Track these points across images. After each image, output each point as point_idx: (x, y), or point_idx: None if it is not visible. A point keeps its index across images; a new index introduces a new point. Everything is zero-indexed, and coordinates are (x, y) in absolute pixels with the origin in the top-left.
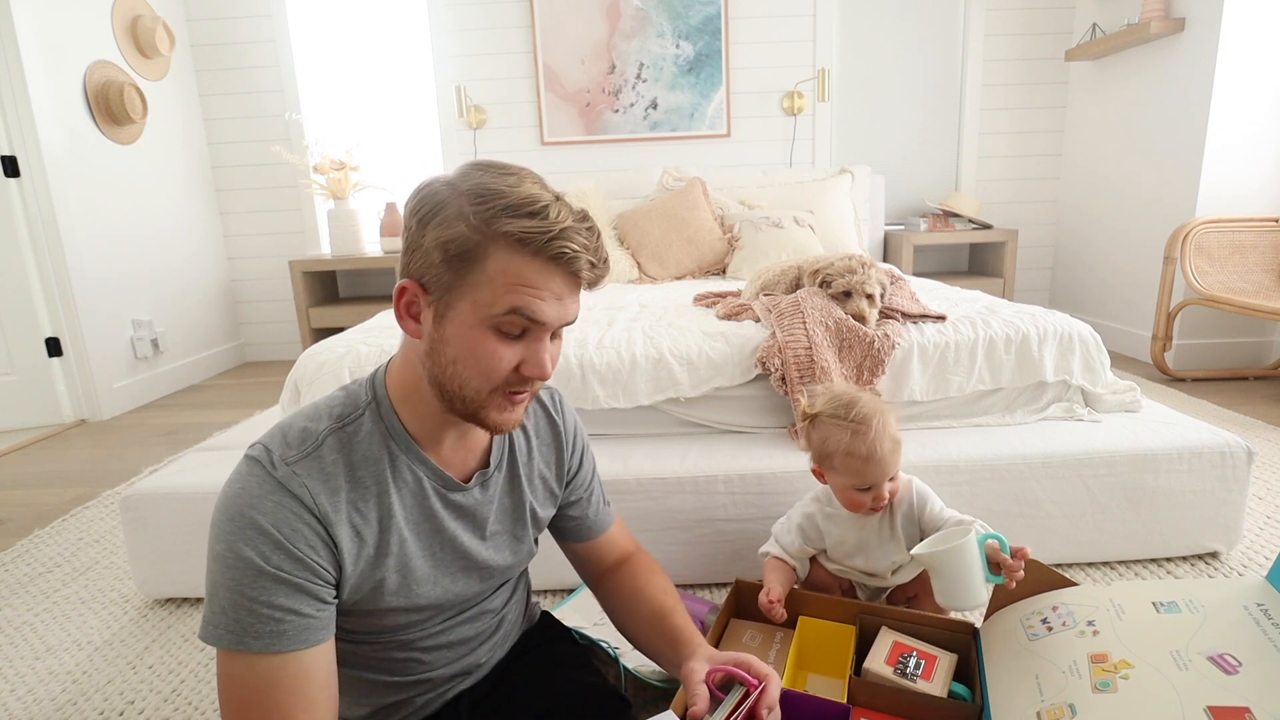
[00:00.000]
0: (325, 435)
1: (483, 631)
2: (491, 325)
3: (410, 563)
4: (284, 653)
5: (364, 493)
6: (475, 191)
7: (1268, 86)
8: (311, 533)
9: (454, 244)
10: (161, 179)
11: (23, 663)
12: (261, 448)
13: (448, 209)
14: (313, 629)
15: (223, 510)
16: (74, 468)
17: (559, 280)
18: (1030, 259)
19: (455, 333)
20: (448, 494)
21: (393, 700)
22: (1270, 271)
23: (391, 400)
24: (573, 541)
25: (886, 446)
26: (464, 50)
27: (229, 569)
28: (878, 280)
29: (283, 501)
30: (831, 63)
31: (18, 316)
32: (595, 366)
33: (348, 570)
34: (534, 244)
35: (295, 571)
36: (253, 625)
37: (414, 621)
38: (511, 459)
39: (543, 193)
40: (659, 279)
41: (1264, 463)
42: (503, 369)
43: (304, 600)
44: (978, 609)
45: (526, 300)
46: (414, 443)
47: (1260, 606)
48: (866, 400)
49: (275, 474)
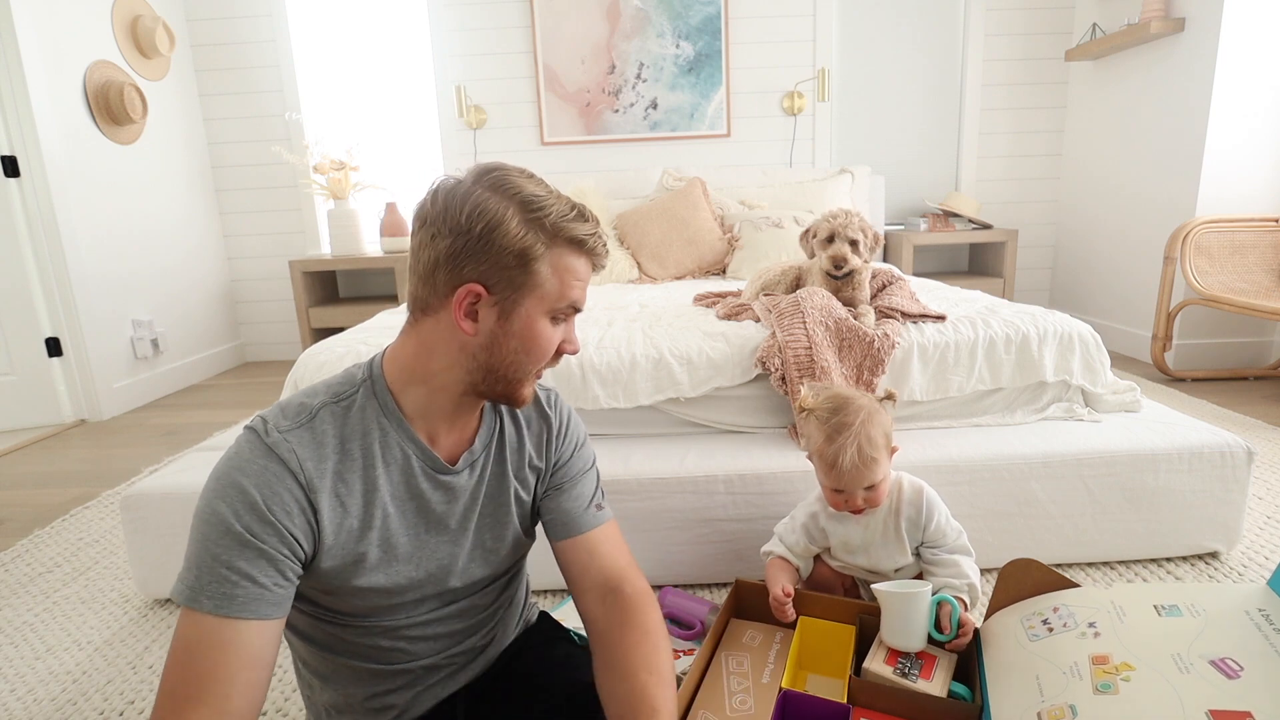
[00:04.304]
0: (319, 408)
1: (471, 625)
2: (551, 315)
3: (392, 538)
4: (228, 617)
5: (351, 464)
6: (527, 203)
7: (1268, 86)
8: (291, 499)
9: (530, 250)
10: (161, 179)
11: (23, 663)
12: (259, 419)
13: (511, 220)
14: (264, 601)
15: (212, 474)
16: (74, 468)
17: (589, 268)
18: (1030, 259)
19: (522, 326)
20: (435, 474)
21: (380, 689)
22: (1270, 271)
23: (389, 382)
24: (552, 538)
25: (853, 458)
26: (464, 50)
27: (202, 523)
28: (860, 227)
29: (268, 466)
30: (831, 63)
31: (18, 316)
32: (595, 366)
33: (327, 540)
34: (587, 244)
35: (263, 534)
36: (208, 584)
37: (397, 605)
38: (500, 445)
39: (566, 196)
40: (659, 279)
41: (1264, 463)
42: (552, 350)
43: (263, 568)
44: (913, 652)
45: (578, 293)
46: (406, 421)
47: (1262, 612)
48: (856, 408)
49: (266, 440)
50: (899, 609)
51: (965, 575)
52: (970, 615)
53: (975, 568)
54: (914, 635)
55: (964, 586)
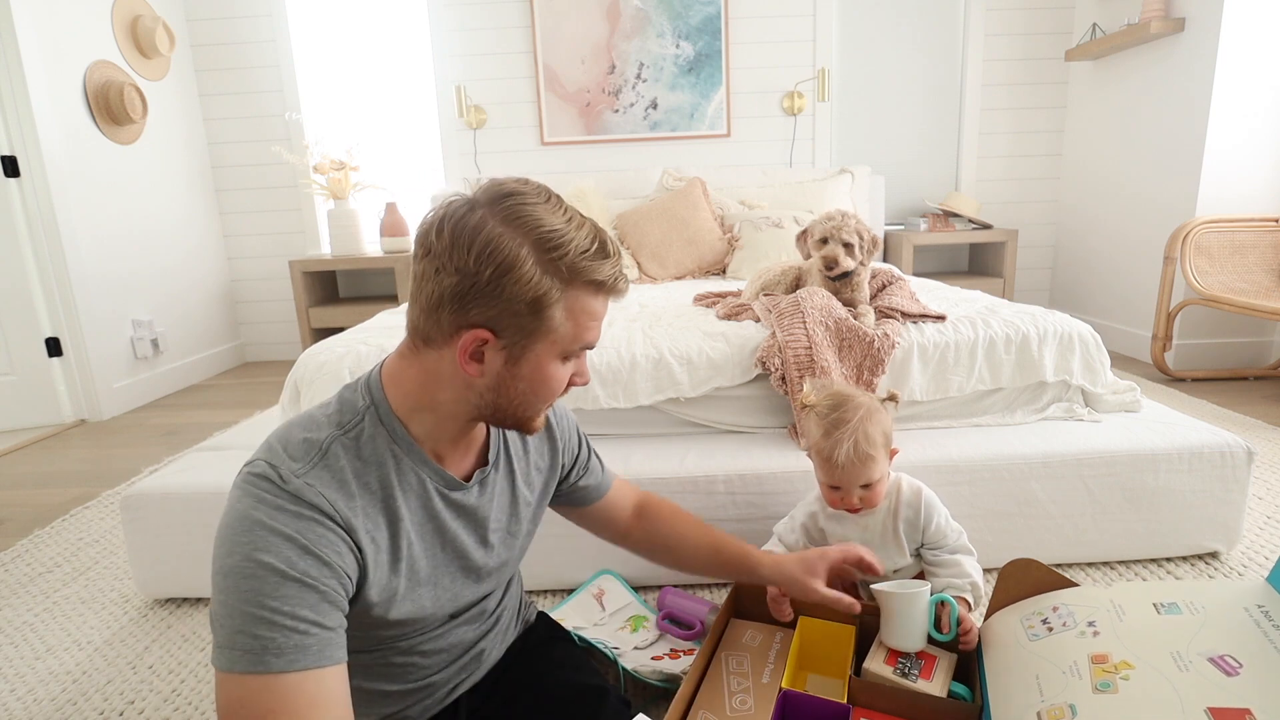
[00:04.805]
0: (329, 443)
1: (482, 632)
2: (563, 357)
3: (415, 565)
4: (305, 670)
5: (372, 498)
6: (543, 240)
7: (1268, 86)
8: (338, 539)
9: (545, 298)
10: (161, 179)
11: (23, 663)
12: (264, 464)
13: (525, 263)
14: (334, 645)
15: (233, 527)
16: (74, 468)
17: (606, 306)
18: (1030, 259)
19: (530, 370)
20: (449, 494)
21: (393, 710)
22: (1270, 271)
23: (394, 408)
24: (585, 506)
25: (849, 453)
26: (464, 50)
27: (245, 580)
28: (856, 229)
29: (302, 511)
30: (831, 63)
31: (18, 316)
32: (595, 366)
33: (371, 575)
34: (606, 285)
35: (323, 578)
36: (273, 640)
37: (413, 628)
38: (508, 456)
39: (586, 221)
40: (659, 279)
41: (1264, 463)
42: (562, 388)
43: (328, 612)
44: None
45: (593, 334)
46: (416, 445)
47: (1261, 608)
48: (855, 405)
49: (288, 487)
50: (898, 609)
51: (967, 574)
52: (972, 615)
53: (977, 566)
54: (913, 635)
55: (966, 586)
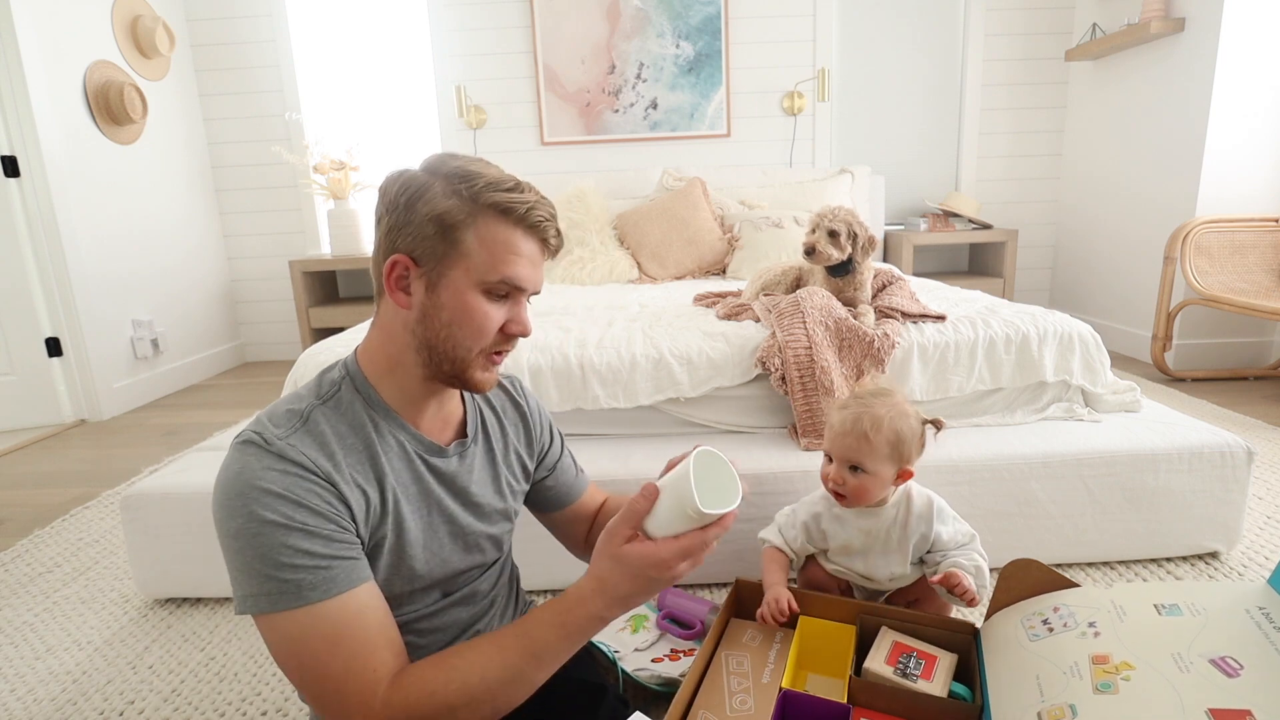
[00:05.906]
0: (310, 410)
1: (476, 614)
2: (483, 289)
3: (404, 523)
4: (341, 594)
5: (357, 456)
6: (457, 173)
7: (1268, 86)
8: (325, 490)
9: (448, 216)
10: (161, 179)
11: (23, 663)
12: (250, 433)
13: (434, 188)
14: (358, 568)
15: (226, 491)
16: (74, 468)
17: (534, 246)
18: (1030, 259)
19: (450, 297)
20: (430, 459)
21: None
22: (1270, 271)
23: (367, 375)
24: (554, 510)
25: (848, 420)
26: (464, 50)
27: (255, 537)
28: (845, 220)
29: (288, 469)
30: (831, 63)
31: (18, 316)
32: (595, 366)
33: (360, 525)
34: (515, 213)
35: (321, 525)
36: (304, 578)
37: (405, 594)
38: (485, 434)
39: (519, 180)
40: (659, 279)
41: (1264, 463)
42: (492, 328)
43: (339, 546)
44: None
45: (513, 267)
46: (392, 411)
47: (1262, 610)
48: (889, 402)
49: (272, 448)
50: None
51: (973, 559)
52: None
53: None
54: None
55: (972, 569)
